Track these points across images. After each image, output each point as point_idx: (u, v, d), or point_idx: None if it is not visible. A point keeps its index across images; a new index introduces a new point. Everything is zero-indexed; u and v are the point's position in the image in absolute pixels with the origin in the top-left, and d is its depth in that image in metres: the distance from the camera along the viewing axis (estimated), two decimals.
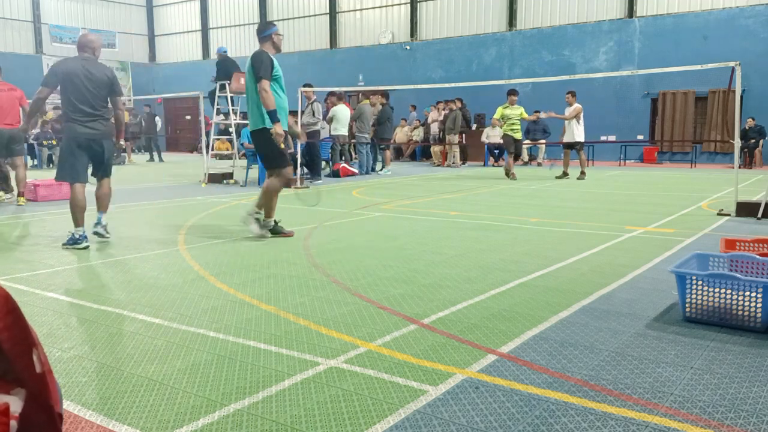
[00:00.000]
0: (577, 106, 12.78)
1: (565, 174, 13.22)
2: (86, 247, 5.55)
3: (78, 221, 5.64)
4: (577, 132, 12.79)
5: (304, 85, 12.49)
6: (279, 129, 5.67)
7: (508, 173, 12.99)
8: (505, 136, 13.17)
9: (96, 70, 5.58)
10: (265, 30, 6.01)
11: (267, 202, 5.96)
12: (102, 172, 6.01)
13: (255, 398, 2.44)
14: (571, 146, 13.09)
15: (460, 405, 2.37)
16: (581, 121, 12.83)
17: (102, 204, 6.04)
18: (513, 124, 12.97)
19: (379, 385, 2.55)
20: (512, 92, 13.10)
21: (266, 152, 5.92)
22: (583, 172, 12.94)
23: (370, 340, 3.09)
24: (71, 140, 5.57)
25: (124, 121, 6.19)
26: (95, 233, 5.92)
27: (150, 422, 2.25)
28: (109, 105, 5.71)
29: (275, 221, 6.12)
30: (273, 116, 5.64)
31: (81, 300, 3.87)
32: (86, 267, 4.85)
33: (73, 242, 5.56)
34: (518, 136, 13.22)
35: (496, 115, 13.11)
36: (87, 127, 5.55)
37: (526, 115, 13.36)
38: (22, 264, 4.97)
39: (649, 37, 18.33)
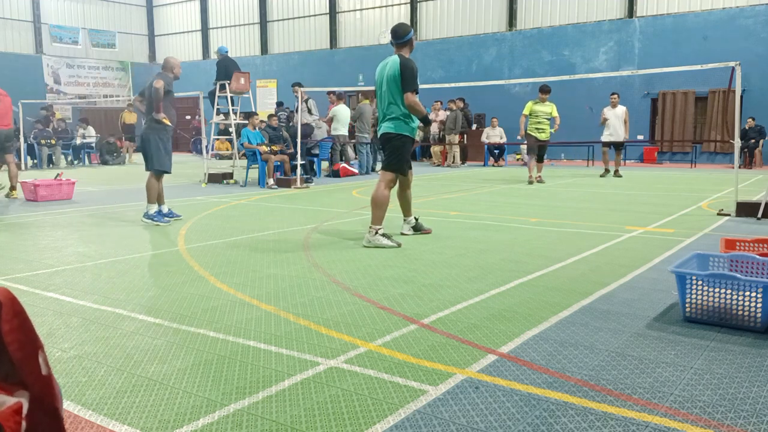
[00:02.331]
0: (624, 107, 13.07)
1: (607, 171, 13.39)
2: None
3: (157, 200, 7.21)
4: (622, 131, 12.97)
5: (294, 84, 12.28)
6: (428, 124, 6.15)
7: (530, 179, 12.07)
8: (527, 137, 12.08)
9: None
10: (406, 34, 5.68)
11: (380, 212, 5.62)
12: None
13: (255, 398, 2.44)
14: (617, 146, 13.22)
15: (460, 405, 2.37)
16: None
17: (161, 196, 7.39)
18: (539, 122, 11.88)
19: (379, 385, 2.54)
20: (544, 89, 11.98)
21: (396, 156, 5.71)
22: (617, 170, 13.20)
23: (370, 340, 3.09)
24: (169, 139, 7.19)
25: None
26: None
27: (150, 422, 2.25)
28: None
29: (415, 218, 6.21)
30: (425, 120, 5.86)
31: (81, 300, 3.87)
32: (86, 267, 4.85)
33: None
34: (543, 136, 11.96)
35: (525, 111, 12.02)
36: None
37: (556, 115, 12.15)
38: (22, 264, 4.97)
39: (649, 37, 18.32)
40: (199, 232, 6.47)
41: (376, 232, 5.53)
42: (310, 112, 12.88)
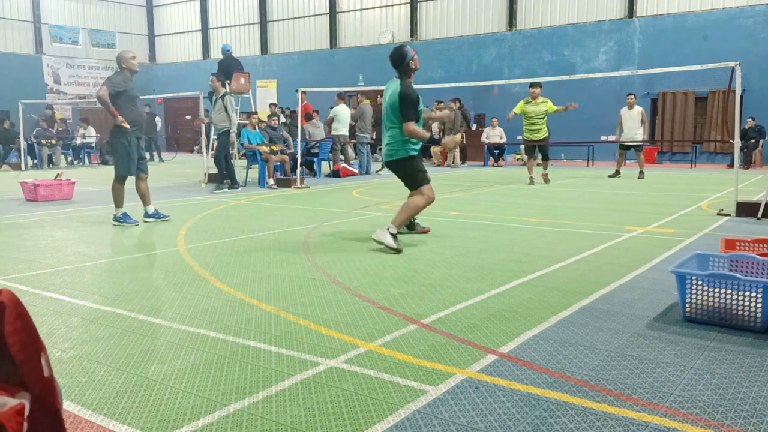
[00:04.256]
0: (640, 108, 13.02)
1: (617, 173, 13.30)
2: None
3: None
4: (639, 132, 12.91)
5: (215, 73, 11.33)
6: (448, 141, 6.45)
7: (531, 180, 11.84)
8: (523, 139, 11.74)
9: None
10: (402, 59, 5.58)
11: (406, 217, 5.66)
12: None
13: (255, 398, 2.44)
14: (634, 146, 13.18)
15: (460, 405, 2.37)
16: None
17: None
18: (533, 123, 11.43)
19: (379, 385, 2.55)
20: (535, 85, 11.47)
21: (410, 176, 5.75)
22: (642, 171, 13.01)
23: (370, 340, 3.09)
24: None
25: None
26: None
27: (150, 422, 2.25)
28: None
29: (413, 219, 6.21)
30: (434, 141, 6.19)
31: (81, 300, 3.87)
32: (86, 267, 4.85)
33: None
34: (539, 136, 11.47)
35: (516, 110, 11.66)
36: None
37: (554, 108, 11.47)
38: (22, 264, 4.97)
39: (649, 37, 18.32)
40: (199, 232, 6.47)
41: (389, 230, 5.43)
42: (225, 111, 11.76)
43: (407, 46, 5.68)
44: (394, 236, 5.39)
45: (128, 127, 6.85)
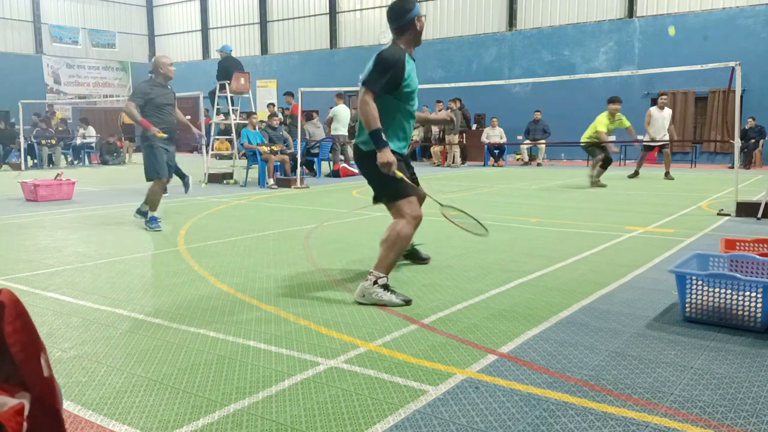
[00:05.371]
0: (670, 109, 12.86)
1: (636, 173, 13.17)
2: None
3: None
4: (667, 134, 12.73)
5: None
6: (385, 156, 3.73)
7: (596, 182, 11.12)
8: (590, 145, 11.00)
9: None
10: (407, 12, 3.96)
11: (394, 256, 3.83)
12: None
13: (255, 398, 2.44)
14: (661, 146, 13.08)
15: (460, 405, 2.37)
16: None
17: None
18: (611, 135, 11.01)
19: (379, 385, 2.54)
20: (614, 100, 10.88)
21: (383, 181, 3.94)
22: (668, 172, 12.71)
23: (370, 340, 3.09)
24: None
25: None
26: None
27: (150, 422, 2.25)
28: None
29: (411, 244, 4.76)
30: (375, 138, 3.75)
31: (81, 300, 3.87)
32: (86, 267, 4.85)
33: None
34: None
35: (604, 130, 10.93)
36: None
37: (628, 124, 11.25)
38: (22, 264, 4.97)
39: (649, 37, 18.32)
40: (199, 232, 6.47)
41: (376, 282, 3.75)
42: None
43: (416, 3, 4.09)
44: (388, 288, 3.78)
45: (164, 136, 6.60)
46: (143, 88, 6.70)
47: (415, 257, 4.86)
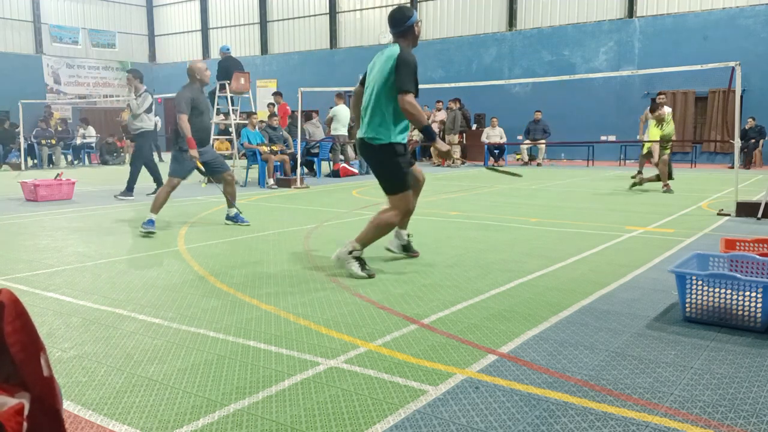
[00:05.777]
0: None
1: (639, 173, 12.87)
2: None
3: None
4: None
5: (129, 71, 10.58)
6: (443, 145, 4.78)
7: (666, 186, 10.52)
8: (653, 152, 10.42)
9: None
10: (406, 19, 4.47)
11: (374, 237, 4.53)
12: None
13: (255, 398, 2.44)
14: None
15: (460, 405, 2.37)
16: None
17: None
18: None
19: (379, 385, 2.55)
20: (653, 108, 10.47)
21: (391, 174, 4.49)
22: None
23: (370, 340, 3.09)
24: None
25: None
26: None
27: (150, 422, 2.25)
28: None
29: (408, 235, 5.14)
30: (428, 133, 4.39)
31: (81, 300, 3.87)
32: (86, 267, 4.85)
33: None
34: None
35: (655, 136, 10.41)
36: None
37: (672, 125, 10.73)
38: (22, 264, 4.97)
39: (649, 37, 18.32)
40: (199, 232, 6.47)
41: (351, 252, 4.42)
42: (138, 109, 11.02)
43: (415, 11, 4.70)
44: (360, 261, 4.41)
45: (196, 157, 6.43)
46: (188, 97, 6.47)
47: (408, 249, 5.22)
